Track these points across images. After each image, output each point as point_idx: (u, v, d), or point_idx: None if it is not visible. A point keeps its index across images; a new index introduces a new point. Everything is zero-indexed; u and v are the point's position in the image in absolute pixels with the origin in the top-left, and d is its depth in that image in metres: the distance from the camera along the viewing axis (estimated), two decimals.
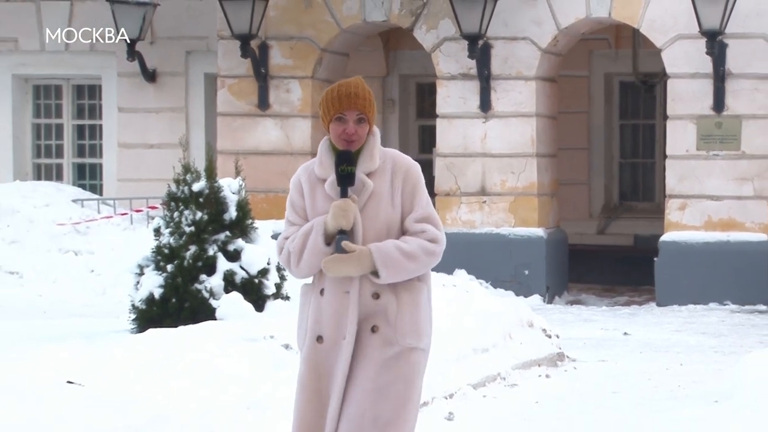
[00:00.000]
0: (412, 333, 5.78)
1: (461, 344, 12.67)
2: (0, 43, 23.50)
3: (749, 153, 19.73)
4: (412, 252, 5.75)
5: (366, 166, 5.80)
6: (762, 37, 19.61)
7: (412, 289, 5.84)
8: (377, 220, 5.78)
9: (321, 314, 5.81)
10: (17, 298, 18.77)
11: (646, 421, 10.13)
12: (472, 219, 20.52)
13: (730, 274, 19.54)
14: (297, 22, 20.95)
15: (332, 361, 5.77)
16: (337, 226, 5.66)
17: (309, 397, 5.83)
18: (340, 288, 5.75)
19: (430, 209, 5.88)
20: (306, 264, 5.79)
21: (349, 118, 5.73)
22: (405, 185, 5.83)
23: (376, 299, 5.75)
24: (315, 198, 5.85)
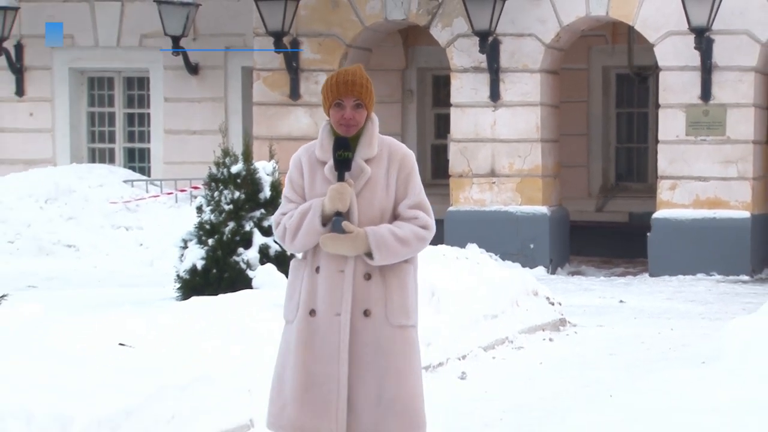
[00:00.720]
0: (401, 313, 5.67)
1: (473, 311, 12.67)
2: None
3: (733, 138, 19.69)
4: (404, 237, 5.61)
5: (365, 152, 5.67)
6: (745, 33, 19.54)
7: (400, 271, 5.71)
8: (372, 205, 5.64)
9: (315, 290, 5.65)
10: (74, 269, 18.83)
11: (640, 380, 10.12)
12: (482, 198, 20.51)
13: (716, 247, 19.52)
14: (325, 20, 20.94)
15: (325, 337, 5.62)
16: (334, 209, 5.52)
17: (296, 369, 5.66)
18: (335, 267, 5.60)
19: (422, 197, 5.77)
20: (300, 241, 5.64)
21: (346, 104, 5.58)
22: (400, 173, 5.72)
23: (367, 280, 5.61)
24: (314, 179, 5.70)
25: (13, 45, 23.31)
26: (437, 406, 9.79)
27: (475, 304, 12.77)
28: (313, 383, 5.59)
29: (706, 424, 6.30)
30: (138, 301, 11.32)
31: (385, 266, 5.63)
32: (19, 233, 20.12)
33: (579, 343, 13.21)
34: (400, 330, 5.66)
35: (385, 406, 5.60)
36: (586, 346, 13.00)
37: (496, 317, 13.03)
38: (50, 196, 20.76)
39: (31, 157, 23.01)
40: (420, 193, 5.75)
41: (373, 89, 5.70)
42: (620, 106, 22.86)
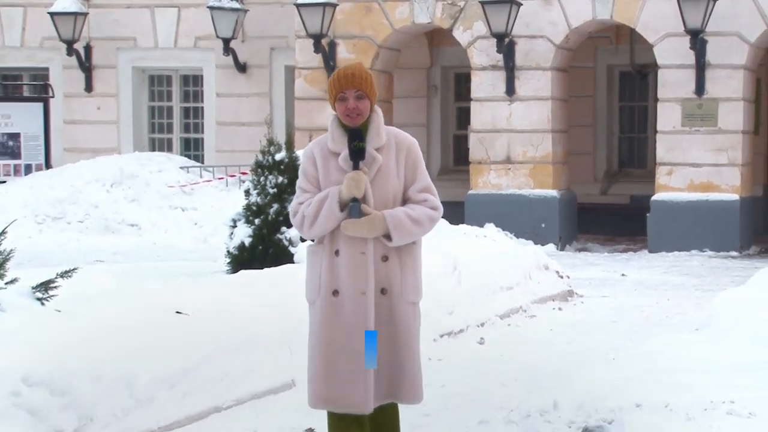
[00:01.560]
0: (413, 291, 5.58)
1: (490, 283, 12.67)
2: (123, 42, 23.58)
3: (724, 129, 19.62)
4: (418, 218, 5.49)
5: (375, 142, 5.52)
6: (736, 35, 19.46)
7: (412, 252, 5.61)
8: (384, 190, 5.50)
9: (338, 271, 5.51)
10: (136, 245, 18.91)
11: (639, 344, 10.12)
12: (499, 182, 20.50)
13: (708, 227, 19.47)
14: (359, 24, 20.93)
15: (352, 315, 5.50)
16: (351, 195, 5.38)
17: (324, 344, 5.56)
18: (356, 249, 5.46)
19: (429, 181, 5.65)
20: (319, 227, 5.49)
21: (349, 96, 5.46)
22: (407, 160, 5.57)
23: (384, 261, 5.50)
24: (328, 169, 5.55)
25: (82, 47, 23.40)
26: (458, 368, 9.82)
27: (492, 277, 12.78)
28: (339, 359, 5.51)
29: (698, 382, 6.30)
30: (193, 274, 11.35)
31: (400, 248, 5.54)
32: (88, 213, 20.21)
33: (585, 312, 13.21)
34: (411, 306, 5.59)
35: (397, 375, 5.55)
36: (591, 315, 13.00)
37: (511, 289, 13.03)
38: (115, 181, 20.83)
39: (98, 146, 23.11)
40: (427, 178, 5.65)
41: (374, 83, 5.57)
42: (623, 100, 22.81)
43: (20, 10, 23.84)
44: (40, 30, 23.55)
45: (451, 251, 12.54)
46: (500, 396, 8.65)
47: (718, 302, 10.21)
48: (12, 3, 23.81)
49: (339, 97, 5.48)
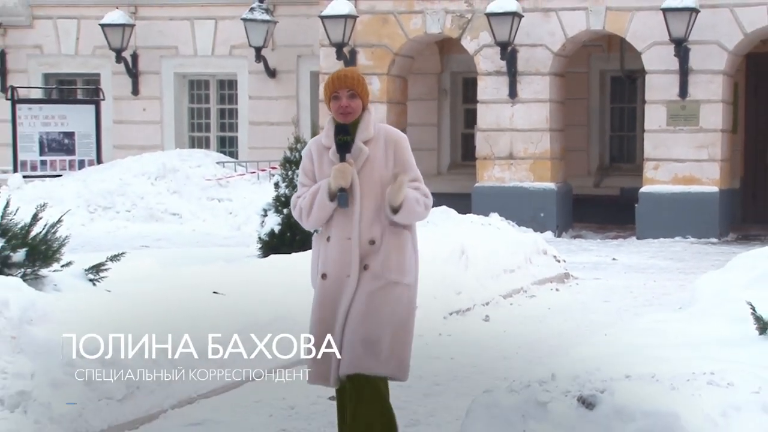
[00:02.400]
0: (396, 270, 5.37)
1: (495, 266, 12.67)
2: (166, 50, 23.61)
3: (705, 128, 19.60)
4: (419, 201, 5.38)
5: (363, 135, 5.40)
6: (716, 44, 19.41)
7: (399, 235, 5.43)
8: (372, 179, 5.37)
9: (327, 257, 5.41)
10: (177, 232, 18.96)
11: (628, 321, 10.11)
12: (502, 176, 20.48)
13: (691, 216, 19.46)
14: (377, 34, 20.92)
15: (336, 295, 5.37)
16: (338, 185, 5.29)
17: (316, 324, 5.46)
18: (343, 235, 5.36)
19: (419, 173, 5.51)
20: (314, 217, 5.41)
21: (342, 95, 5.35)
22: (397, 152, 5.45)
23: (371, 245, 5.37)
24: (322, 163, 5.45)
25: (130, 55, 23.45)
26: (466, 343, 9.82)
27: (496, 261, 12.78)
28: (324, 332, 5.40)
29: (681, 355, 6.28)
30: (228, 258, 11.38)
31: (388, 233, 5.40)
32: (134, 204, 20.26)
33: (579, 293, 13.22)
34: (394, 285, 5.37)
35: (371, 349, 5.31)
36: (585, 295, 13.01)
37: (513, 272, 13.03)
38: (159, 175, 20.87)
39: (143, 144, 23.16)
40: (417, 170, 5.50)
41: (365, 84, 5.48)
42: (614, 102, 22.74)
43: (74, 21, 23.89)
44: (92, 40, 23.60)
45: (459, 238, 12.54)
46: (503, 368, 8.64)
47: (699, 284, 10.17)
48: (67, 15, 23.86)
49: (333, 96, 5.39)
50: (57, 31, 24.07)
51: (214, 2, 23.28)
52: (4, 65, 24.09)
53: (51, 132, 22.59)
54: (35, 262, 7.54)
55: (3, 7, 23.76)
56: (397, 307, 5.39)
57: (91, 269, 7.86)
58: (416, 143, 23.22)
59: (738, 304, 7.72)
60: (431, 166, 22.76)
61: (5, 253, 7.42)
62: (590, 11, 20.02)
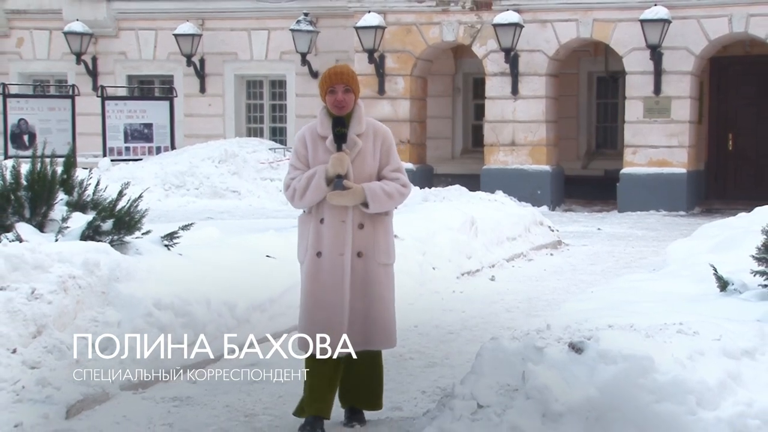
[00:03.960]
0: (384, 254, 5.19)
1: (499, 235, 12.66)
2: (227, 56, 23.60)
3: (676, 119, 19.50)
4: (391, 192, 5.12)
5: (356, 128, 5.16)
6: (685, 49, 19.27)
7: (384, 221, 5.21)
8: (363, 169, 5.13)
9: (322, 236, 5.13)
10: (236, 207, 19.00)
11: (611, 280, 10.08)
12: (506, 160, 20.42)
13: (663, 193, 19.41)
14: (401, 41, 20.85)
15: (330, 273, 5.11)
16: (335, 172, 5.04)
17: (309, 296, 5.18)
18: (337, 218, 5.10)
19: (400, 163, 5.26)
20: (308, 198, 5.12)
21: (338, 90, 5.12)
22: (383, 145, 5.20)
23: (361, 228, 5.12)
24: (317, 150, 5.16)
25: (198, 59, 23.46)
26: (475, 299, 9.82)
27: (501, 230, 12.77)
28: (319, 307, 5.13)
29: (654, 309, 6.26)
30: (278, 228, 11.38)
31: (374, 218, 5.16)
32: (201, 183, 20.30)
33: (570, 257, 13.18)
34: (383, 267, 5.19)
35: (371, 324, 5.16)
36: (575, 259, 12.98)
37: (514, 239, 13.01)
38: (221, 159, 20.90)
39: (209, 133, 23.19)
40: (399, 161, 5.26)
41: (358, 80, 5.24)
42: (599, 98, 22.60)
43: (153, 32, 23.91)
44: (167, 47, 23.62)
45: (470, 211, 12.51)
46: (506, 319, 8.65)
47: (670, 250, 10.15)
48: (147, 27, 23.90)
49: (329, 90, 5.14)
50: (138, 40, 24.10)
51: (267, 16, 23.23)
52: (95, 68, 24.14)
53: (133, 123, 22.68)
54: (120, 231, 7.57)
55: (94, 21, 23.83)
56: (387, 286, 5.23)
57: (165, 237, 7.89)
58: (434, 133, 23.34)
59: (702, 266, 7.69)
60: (447, 151, 22.73)
61: (96, 223, 7.45)
62: (580, 22, 19.90)
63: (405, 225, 10.96)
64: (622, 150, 20.15)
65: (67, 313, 6.44)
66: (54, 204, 7.50)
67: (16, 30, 24.62)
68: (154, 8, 23.72)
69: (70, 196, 7.60)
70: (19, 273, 6.45)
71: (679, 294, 7.19)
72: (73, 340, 6.26)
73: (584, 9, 19.83)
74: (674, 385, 4.83)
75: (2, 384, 5.69)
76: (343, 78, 5.13)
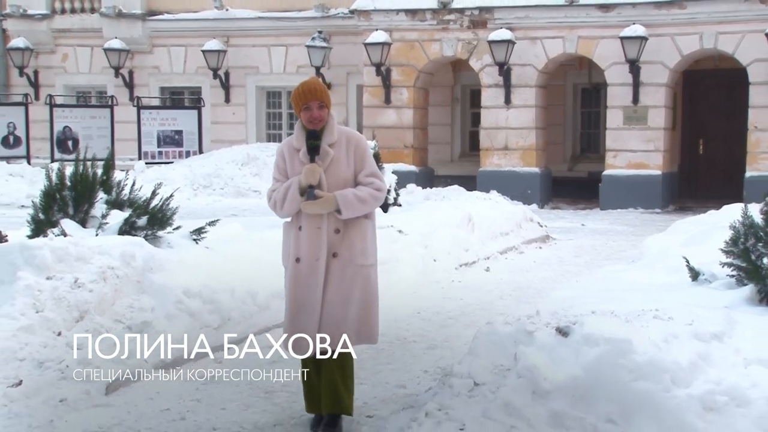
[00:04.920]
0: (361, 255, 4.89)
1: (494, 230, 12.63)
2: (249, 69, 23.57)
3: (652, 126, 19.44)
4: (363, 197, 4.84)
5: (328, 139, 4.85)
6: (660, 63, 19.21)
7: (360, 225, 4.92)
8: (337, 177, 4.84)
9: (300, 243, 4.89)
10: (258, 205, 18.85)
11: (594, 271, 10.06)
12: (500, 162, 20.38)
13: (640, 192, 19.36)
14: (406, 56, 20.81)
15: (308, 276, 4.86)
16: (308, 182, 4.79)
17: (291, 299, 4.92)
18: (313, 225, 4.85)
19: (375, 168, 4.97)
20: (286, 208, 4.89)
21: (313, 107, 4.81)
22: (356, 152, 4.90)
23: (337, 233, 4.86)
24: (293, 162, 4.91)
25: (223, 72, 23.48)
26: (471, 287, 9.82)
27: (495, 226, 12.74)
28: (299, 308, 4.87)
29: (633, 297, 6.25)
30: None
31: (349, 222, 4.88)
32: (226, 183, 20.32)
33: (557, 250, 13.16)
34: (360, 267, 4.88)
35: (349, 323, 4.85)
36: (561, 251, 12.95)
37: (507, 234, 12.99)
38: (244, 162, 20.91)
39: (233, 139, 23.20)
40: (373, 165, 4.96)
41: (329, 94, 4.96)
42: (583, 107, 22.54)
43: (183, 48, 23.91)
44: (196, 62, 23.63)
45: (467, 209, 12.49)
46: (500, 306, 8.64)
47: (646, 243, 10.13)
48: (177, 44, 23.90)
49: (304, 107, 4.84)
50: (170, 56, 24.12)
51: (284, 33, 23.21)
52: (131, 81, 24.17)
53: (165, 130, 22.72)
54: (154, 226, 7.59)
55: (131, 38, 23.87)
56: (365, 286, 4.93)
57: (194, 232, 7.90)
58: (434, 138, 23.28)
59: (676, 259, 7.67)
60: (446, 155, 22.69)
61: (132, 219, 7.48)
62: (566, 39, 19.85)
63: (409, 221, 10.97)
64: (604, 154, 20.10)
65: (106, 300, 6.45)
66: (95, 202, 7.52)
67: (61, 47, 24.69)
68: (184, 27, 23.74)
69: (109, 195, 7.62)
70: (63, 264, 6.47)
71: (655, 283, 7.18)
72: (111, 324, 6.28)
73: (570, 27, 19.78)
74: (651, 365, 4.83)
75: (48, 363, 5.72)
76: (317, 95, 4.85)
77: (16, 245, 6.57)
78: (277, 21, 23.16)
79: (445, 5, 20.44)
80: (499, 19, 20.02)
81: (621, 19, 19.24)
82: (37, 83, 24.55)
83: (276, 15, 23.19)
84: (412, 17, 20.71)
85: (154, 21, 23.91)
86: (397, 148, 20.52)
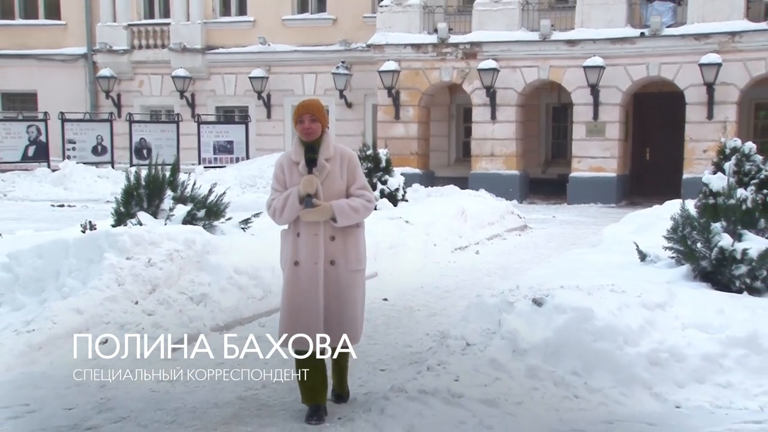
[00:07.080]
0: (355, 262, 4.45)
1: (482, 220, 12.59)
2: (286, 92, 23.48)
3: (609, 138, 19.28)
4: (356, 207, 4.40)
5: (325, 153, 4.42)
6: (615, 87, 19.07)
7: (354, 233, 4.48)
8: (332, 188, 4.40)
9: (298, 248, 4.39)
10: None
11: (563, 254, 9.99)
12: (487, 166, 20.28)
13: (599, 190, 19.24)
14: (411, 81, 20.72)
15: (306, 278, 4.36)
16: (306, 192, 4.33)
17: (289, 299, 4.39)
18: (310, 232, 4.37)
19: (365, 182, 4.52)
20: (285, 216, 4.39)
21: (305, 119, 4.40)
22: (349, 167, 4.46)
23: (332, 240, 4.38)
24: (292, 174, 4.44)
25: (266, 94, 23.44)
26: (464, 267, 9.79)
27: (483, 217, 12.70)
28: (297, 309, 4.35)
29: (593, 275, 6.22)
30: None
31: (344, 230, 4.43)
32: (268, 183, 20.18)
33: (533, 237, 13.10)
34: (354, 273, 4.45)
35: (343, 324, 4.40)
36: (536, 238, 12.89)
37: (493, 224, 12.95)
38: None
39: (273, 147, 23.16)
40: (363, 179, 4.53)
41: (324, 111, 4.50)
42: (554, 122, 22.37)
43: (234, 76, 23.89)
44: (244, 86, 23.61)
45: (461, 203, 12.45)
46: (487, 282, 8.61)
47: (604, 232, 10.07)
48: (230, 72, 23.88)
49: (298, 120, 4.43)
50: (224, 81, 24.11)
51: (315, 63, 23.16)
52: (193, 102, 24.20)
53: (219, 140, 22.78)
54: (210, 218, 7.60)
55: (193, 68, 23.92)
56: (359, 289, 4.51)
57: (242, 222, 7.90)
58: (435, 147, 23.12)
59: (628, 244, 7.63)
60: (444, 160, 22.63)
61: (193, 211, 7.50)
62: (540, 68, 19.73)
63: (414, 214, 10.95)
64: (571, 159, 19.99)
65: (172, 276, 6.47)
66: (164, 198, 7.55)
67: (138, 75, 24.78)
68: (235, 59, 23.75)
69: (175, 192, 7.64)
70: (139, 247, 6.49)
71: (611, 263, 7.14)
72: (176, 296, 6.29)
73: (543, 58, 19.68)
74: (608, 328, 4.81)
75: (128, 326, 5.77)
76: (309, 109, 4.45)
77: (102, 232, 6.61)
78: (309, 53, 23.15)
79: (443, 41, 20.37)
80: (486, 51, 19.93)
81: (584, 52, 19.13)
82: (119, 104, 24.67)
83: (308, 48, 23.18)
84: (417, 50, 20.65)
85: (212, 54, 23.95)
86: (404, 155, 20.49)
